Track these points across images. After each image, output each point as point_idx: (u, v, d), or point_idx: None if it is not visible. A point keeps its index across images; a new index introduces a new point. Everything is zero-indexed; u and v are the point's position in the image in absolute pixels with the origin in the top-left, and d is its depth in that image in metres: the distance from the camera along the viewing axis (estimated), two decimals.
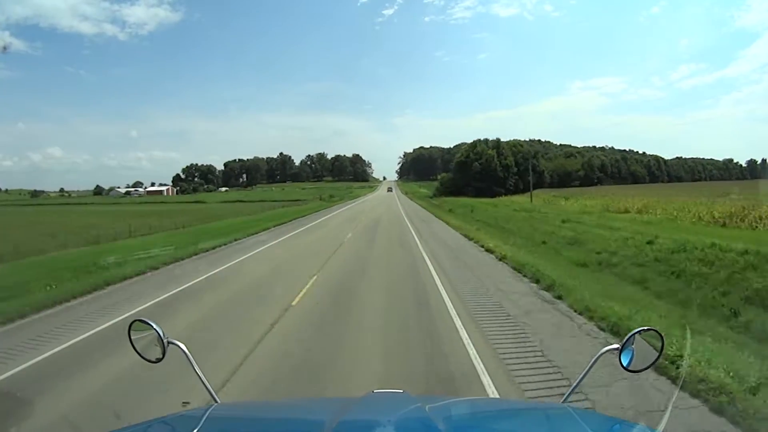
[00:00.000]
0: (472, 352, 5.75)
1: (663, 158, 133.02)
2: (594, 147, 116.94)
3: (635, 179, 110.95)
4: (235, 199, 69.40)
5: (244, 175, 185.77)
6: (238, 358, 5.66)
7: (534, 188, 78.35)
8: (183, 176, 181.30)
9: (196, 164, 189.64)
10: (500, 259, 13.05)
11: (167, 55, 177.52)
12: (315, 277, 10.91)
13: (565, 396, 1.78)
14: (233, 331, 6.91)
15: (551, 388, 4.63)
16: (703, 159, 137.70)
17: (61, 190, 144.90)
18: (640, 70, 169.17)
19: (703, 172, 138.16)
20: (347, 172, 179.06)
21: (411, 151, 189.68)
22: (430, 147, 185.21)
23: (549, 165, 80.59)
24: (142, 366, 2.09)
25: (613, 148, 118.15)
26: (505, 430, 1.42)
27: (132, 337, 1.76)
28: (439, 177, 77.65)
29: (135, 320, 1.78)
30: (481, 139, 66.05)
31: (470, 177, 62.98)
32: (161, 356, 1.71)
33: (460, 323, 7.02)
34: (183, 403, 4.00)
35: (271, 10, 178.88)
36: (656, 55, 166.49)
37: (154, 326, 1.71)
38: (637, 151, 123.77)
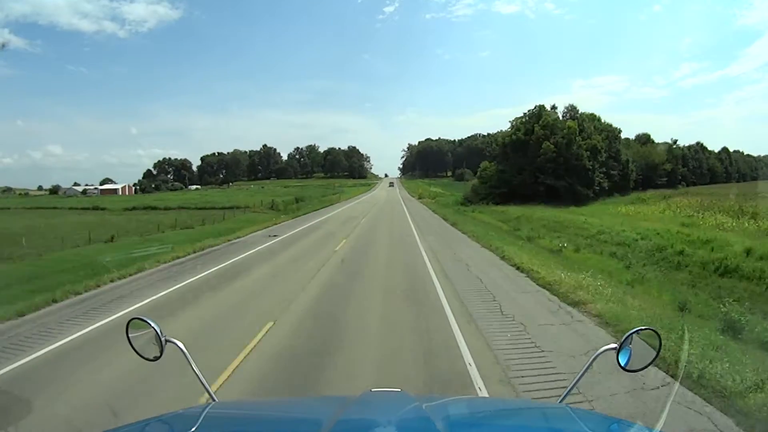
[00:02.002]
0: None
1: (730, 151, 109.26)
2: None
3: (713, 176, 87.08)
4: (148, 205, 43.43)
5: (223, 171, 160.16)
6: None
7: (621, 191, 52.12)
8: (155, 172, 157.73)
9: (169, 158, 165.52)
10: None
11: (167, 53, 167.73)
12: None
13: (563, 395, 1.70)
14: None
15: None
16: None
17: (39, 187, 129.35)
18: (643, 68, 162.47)
19: (758, 168, 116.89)
20: (342, 168, 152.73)
21: (416, 143, 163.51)
22: (439, 139, 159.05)
23: (626, 153, 54.18)
24: None
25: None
26: (503, 429, 1.36)
27: (130, 336, 1.71)
28: (477, 169, 49.91)
29: (133, 318, 1.72)
30: (546, 105, 40.04)
31: (535, 168, 36.92)
32: (159, 354, 1.67)
33: None
34: None
35: (271, 7, 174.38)
36: (658, 53, 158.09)
37: (152, 324, 1.66)
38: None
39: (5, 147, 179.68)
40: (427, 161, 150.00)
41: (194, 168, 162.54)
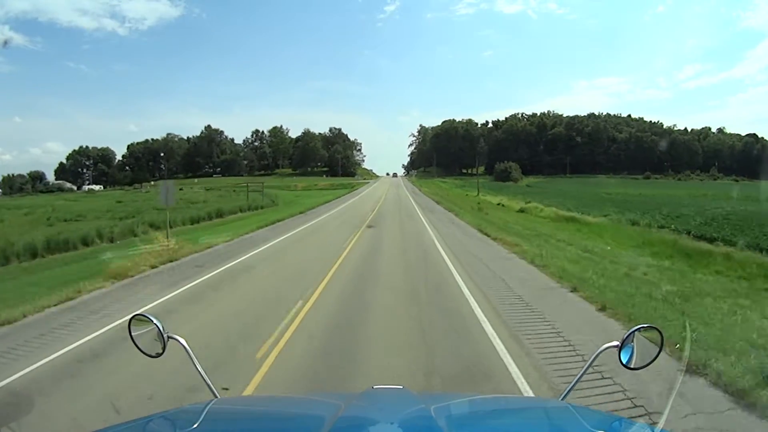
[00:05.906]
0: None
1: None
2: None
3: None
4: None
5: (152, 163, 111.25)
6: None
7: None
8: (68, 165, 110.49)
9: (87, 147, 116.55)
10: None
11: (168, 50, 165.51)
12: None
13: (564, 392, 1.71)
14: None
15: None
16: None
17: None
18: (646, 70, 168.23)
19: None
20: (318, 159, 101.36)
21: (430, 127, 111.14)
22: (464, 120, 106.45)
23: None
24: None
25: None
26: (505, 426, 1.40)
27: (132, 333, 1.74)
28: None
29: (135, 315, 1.75)
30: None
31: None
32: (161, 351, 1.69)
33: None
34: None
35: (271, 6, 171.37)
36: (662, 55, 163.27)
37: (155, 321, 1.68)
38: None
39: (4, 144, 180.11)
40: (449, 151, 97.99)
41: (117, 159, 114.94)
